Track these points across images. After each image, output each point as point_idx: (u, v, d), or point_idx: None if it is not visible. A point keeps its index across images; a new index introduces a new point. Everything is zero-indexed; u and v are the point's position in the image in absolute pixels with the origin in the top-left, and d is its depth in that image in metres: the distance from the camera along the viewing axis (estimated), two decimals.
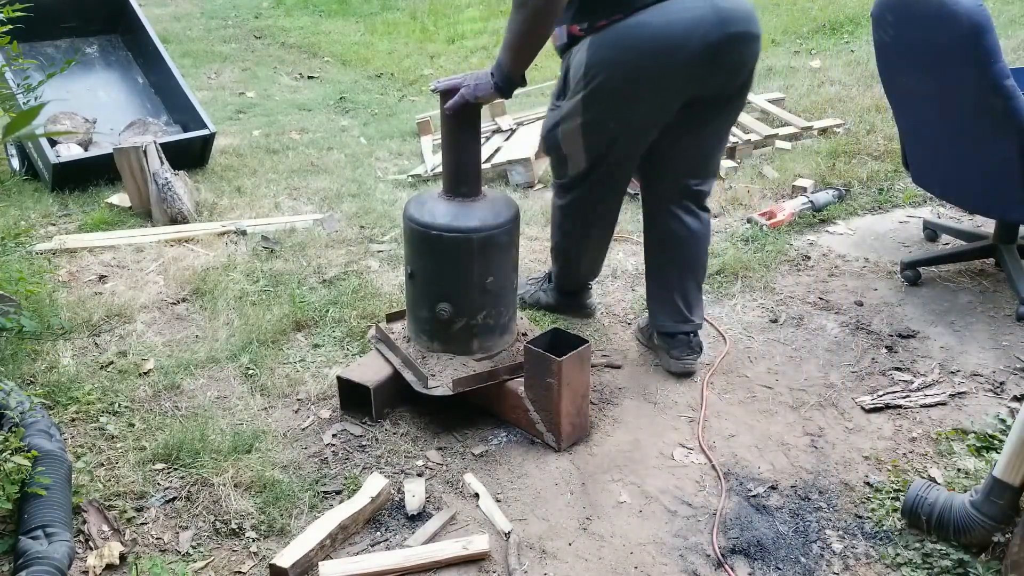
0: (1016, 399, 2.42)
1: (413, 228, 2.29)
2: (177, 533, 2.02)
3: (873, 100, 4.77)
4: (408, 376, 2.36)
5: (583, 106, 2.29)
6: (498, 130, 4.77)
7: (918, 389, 2.47)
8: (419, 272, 2.34)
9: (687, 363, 2.57)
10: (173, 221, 3.71)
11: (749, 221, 3.50)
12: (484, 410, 2.40)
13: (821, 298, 2.98)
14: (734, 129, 4.39)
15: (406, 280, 2.40)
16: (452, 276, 2.29)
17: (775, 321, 2.86)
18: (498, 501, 2.11)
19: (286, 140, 5.04)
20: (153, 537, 2.01)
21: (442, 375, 2.31)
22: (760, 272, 3.14)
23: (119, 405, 2.46)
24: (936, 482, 2.08)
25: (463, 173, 2.29)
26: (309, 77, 6.87)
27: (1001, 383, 2.49)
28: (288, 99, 6.18)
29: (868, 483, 2.13)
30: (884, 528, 1.99)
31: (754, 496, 2.11)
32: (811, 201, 3.58)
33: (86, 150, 4.26)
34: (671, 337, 2.58)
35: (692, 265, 2.56)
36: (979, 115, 2.60)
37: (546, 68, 6.01)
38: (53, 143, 4.13)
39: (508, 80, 2.12)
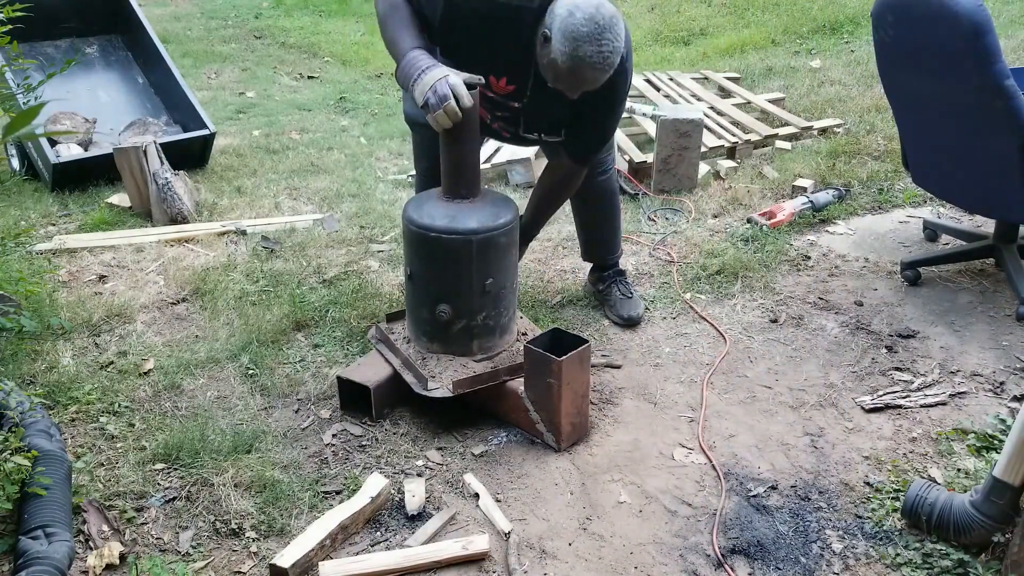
0: (1016, 399, 2.42)
1: (412, 230, 2.29)
2: (177, 533, 2.02)
3: (873, 100, 4.77)
4: (408, 378, 2.36)
5: None
6: None
7: (918, 389, 2.47)
8: (418, 273, 2.34)
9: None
10: (173, 221, 3.71)
11: (749, 221, 3.50)
12: (484, 410, 2.41)
13: (821, 298, 2.98)
14: (734, 129, 4.39)
15: (405, 281, 2.40)
16: (451, 278, 2.29)
17: (775, 321, 2.86)
18: (498, 501, 2.11)
19: (286, 140, 5.04)
20: (153, 537, 2.01)
21: (442, 376, 2.31)
22: (760, 272, 3.14)
23: (119, 405, 2.46)
24: (936, 482, 2.08)
25: (462, 174, 2.28)
26: (309, 77, 6.87)
27: (1001, 383, 2.49)
28: (288, 99, 6.18)
29: (868, 483, 2.13)
30: (884, 528, 1.99)
31: (754, 496, 2.11)
32: (811, 201, 3.58)
33: (86, 150, 4.26)
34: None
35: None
36: (979, 115, 2.60)
37: None
38: (53, 143, 4.13)
39: None
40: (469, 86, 2.10)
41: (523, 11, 2.16)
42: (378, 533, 2.03)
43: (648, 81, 5.20)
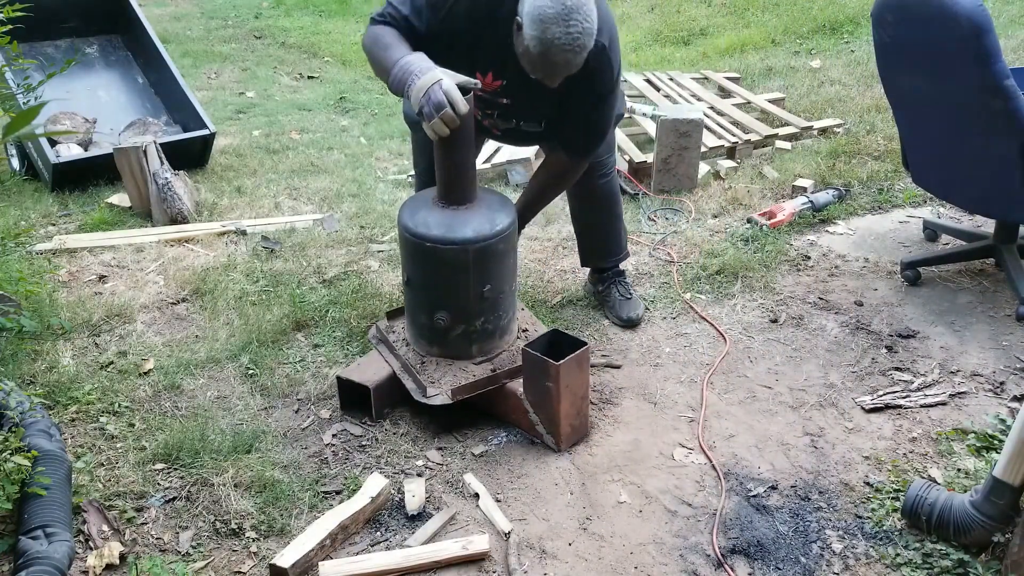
0: (1016, 399, 2.42)
1: (407, 238, 2.26)
2: (177, 533, 2.02)
3: (873, 100, 4.77)
4: (407, 384, 2.35)
5: None
6: None
7: (918, 389, 2.47)
8: (415, 280, 2.32)
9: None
10: (173, 221, 3.71)
11: (749, 221, 3.50)
12: (485, 411, 2.40)
13: (821, 298, 2.98)
14: (734, 129, 4.40)
15: (404, 286, 2.40)
16: (448, 286, 2.27)
17: (775, 321, 2.86)
18: (498, 501, 2.11)
19: (286, 140, 5.03)
20: (153, 537, 2.01)
21: (441, 382, 2.30)
22: (760, 272, 3.14)
23: (119, 405, 2.46)
24: (936, 482, 2.08)
25: (457, 180, 2.24)
26: (309, 77, 6.87)
27: (1001, 383, 2.49)
28: (288, 99, 6.18)
29: (868, 483, 2.13)
30: (884, 528, 1.99)
31: (754, 496, 2.11)
32: (811, 201, 3.58)
33: (86, 150, 4.26)
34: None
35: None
36: (979, 115, 2.60)
37: None
38: (53, 143, 4.13)
39: None
40: (464, 90, 2.06)
41: (505, 1, 2.14)
42: (378, 533, 2.03)
43: (648, 81, 5.20)
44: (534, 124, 2.45)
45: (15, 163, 4.35)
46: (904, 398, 2.43)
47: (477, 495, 2.12)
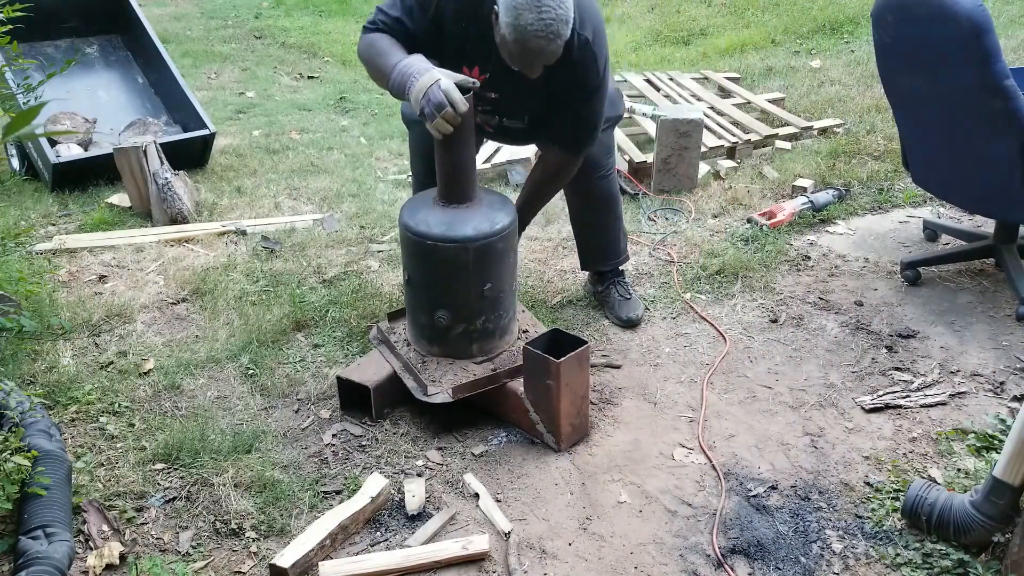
0: (1016, 399, 2.42)
1: (408, 237, 2.27)
2: (177, 533, 2.02)
3: (873, 100, 4.77)
4: (408, 383, 2.35)
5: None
6: None
7: (918, 389, 2.47)
8: (416, 279, 2.33)
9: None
10: (173, 221, 3.71)
11: (749, 221, 3.50)
12: (485, 411, 2.40)
13: (821, 298, 2.98)
14: (734, 129, 4.40)
15: (404, 285, 2.40)
16: (449, 284, 2.28)
17: (775, 321, 2.86)
18: (498, 501, 2.11)
19: (286, 140, 5.03)
20: (153, 537, 2.01)
21: (442, 380, 2.30)
22: (760, 272, 3.14)
23: (119, 405, 2.46)
24: (936, 482, 2.08)
25: (457, 179, 2.25)
26: (309, 77, 6.87)
27: (1001, 383, 2.49)
28: (288, 99, 6.18)
29: (868, 483, 2.13)
30: (884, 528, 1.99)
31: (754, 496, 2.11)
32: (811, 201, 3.58)
33: (86, 150, 4.26)
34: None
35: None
36: (979, 115, 2.60)
37: None
38: (53, 143, 4.13)
39: None
40: (463, 89, 2.07)
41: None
42: (378, 533, 2.03)
43: (648, 81, 5.20)
44: (517, 120, 2.44)
45: (15, 163, 4.35)
46: (904, 398, 2.43)
47: (477, 495, 2.12)
